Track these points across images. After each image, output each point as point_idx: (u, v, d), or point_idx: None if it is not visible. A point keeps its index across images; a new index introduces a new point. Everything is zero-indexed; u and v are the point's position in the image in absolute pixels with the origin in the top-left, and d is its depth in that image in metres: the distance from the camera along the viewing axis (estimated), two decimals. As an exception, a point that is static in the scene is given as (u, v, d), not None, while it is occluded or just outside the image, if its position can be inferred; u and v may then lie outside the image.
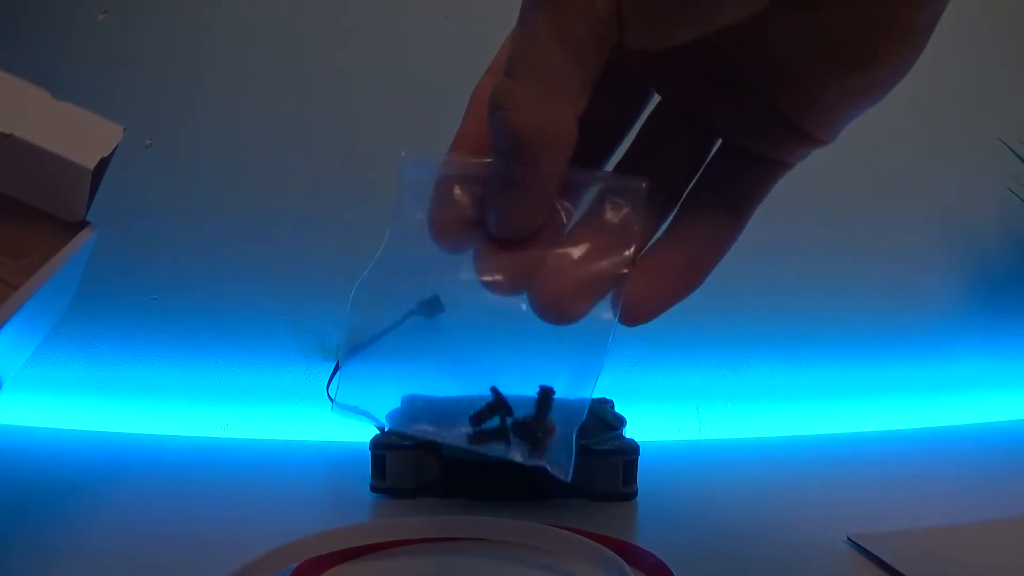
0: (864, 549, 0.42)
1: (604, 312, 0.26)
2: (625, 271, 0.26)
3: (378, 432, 0.54)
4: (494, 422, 0.28)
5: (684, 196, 0.28)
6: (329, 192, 0.69)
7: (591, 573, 0.38)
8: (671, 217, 0.28)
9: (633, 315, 0.26)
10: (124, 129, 0.42)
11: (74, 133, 0.40)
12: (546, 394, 0.27)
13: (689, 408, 0.71)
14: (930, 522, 0.46)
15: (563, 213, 0.26)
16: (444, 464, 0.51)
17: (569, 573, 0.39)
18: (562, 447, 0.26)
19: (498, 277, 0.25)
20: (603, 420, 0.59)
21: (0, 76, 0.41)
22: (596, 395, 0.67)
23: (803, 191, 0.69)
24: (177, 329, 0.68)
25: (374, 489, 0.51)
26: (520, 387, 0.30)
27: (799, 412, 0.73)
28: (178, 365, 0.69)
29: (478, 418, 0.28)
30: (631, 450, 0.51)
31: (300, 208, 0.69)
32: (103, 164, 0.41)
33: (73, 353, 0.67)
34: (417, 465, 0.51)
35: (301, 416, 0.68)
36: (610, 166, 0.29)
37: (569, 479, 0.26)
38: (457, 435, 0.28)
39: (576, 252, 0.25)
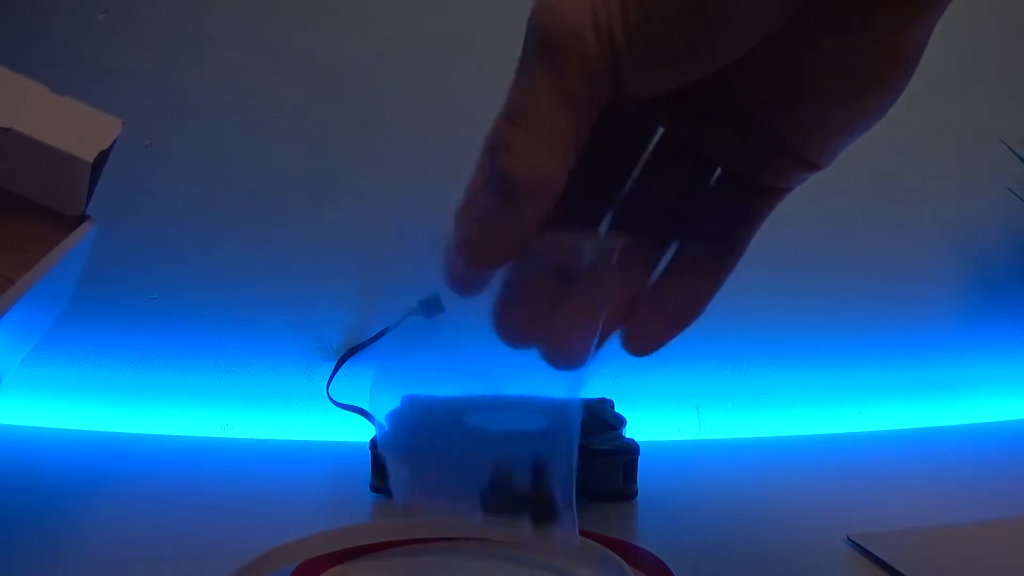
0: (864, 549, 0.42)
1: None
2: (618, 323, 0.28)
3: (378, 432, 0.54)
4: (500, 496, 0.31)
5: (683, 227, 0.29)
6: (330, 192, 0.69)
7: (591, 573, 0.38)
8: (672, 248, 0.29)
9: (639, 348, 0.28)
10: (123, 122, 0.42)
11: (73, 127, 0.40)
12: (539, 466, 0.30)
13: (689, 410, 0.71)
14: (930, 522, 0.46)
15: (556, 271, 0.28)
16: (444, 464, 0.51)
17: (569, 573, 0.39)
18: (566, 512, 0.29)
19: (511, 337, 0.28)
20: (603, 420, 0.59)
21: None
22: (596, 395, 0.67)
23: (803, 193, 0.69)
24: (177, 329, 0.68)
25: (374, 489, 0.51)
26: (522, 388, 0.30)
27: (799, 413, 0.73)
28: (178, 365, 0.69)
29: (488, 497, 0.31)
30: (631, 450, 0.51)
31: (301, 208, 0.69)
32: (102, 157, 0.41)
33: (72, 354, 0.67)
34: (417, 465, 0.51)
35: (301, 416, 0.68)
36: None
37: (578, 543, 0.29)
38: (472, 515, 0.30)
39: (572, 308, 0.27)
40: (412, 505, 0.31)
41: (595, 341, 0.27)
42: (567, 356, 0.27)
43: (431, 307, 0.63)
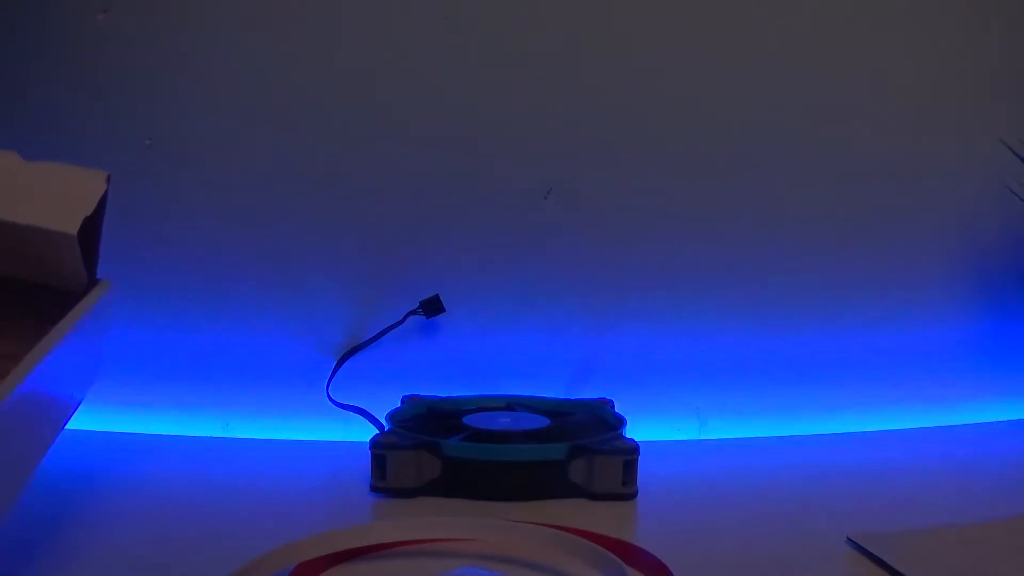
0: (864, 549, 0.42)
1: None
2: None
3: (378, 432, 0.54)
4: None
5: None
6: (331, 192, 0.69)
7: (591, 573, 0.38)
8: None
9: None
10: (109, 176, 0.39)
11: (50, 197, 0.37)
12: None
13: (689, 415, 0.71)
14: (930, 522, 0.46)
15: None
16: (444, 464, 0.51)
17: (569, 573, 0.39)
18: None
19: None
20: (603, 420, 0.59)
21: None
22: (596, 395, 0.67)
23: (804, 194, 0.69)
24: (177, 329, 0.68)
25: (374, 489, 0.51)
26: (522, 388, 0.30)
27: (799, 413, 0.73)
28: (177, 364, 0.69)
29: None
30: (631, 450, 0.51)
31: (303, 206, 0.68)
32: (92, 221, 0.38)
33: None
34: (417, 465, 0.51)
35: (301, 416, 0.68)
36: None
37: None
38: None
39: None
40: None
41: None
42: None
43: (431, 307, 0.63)
